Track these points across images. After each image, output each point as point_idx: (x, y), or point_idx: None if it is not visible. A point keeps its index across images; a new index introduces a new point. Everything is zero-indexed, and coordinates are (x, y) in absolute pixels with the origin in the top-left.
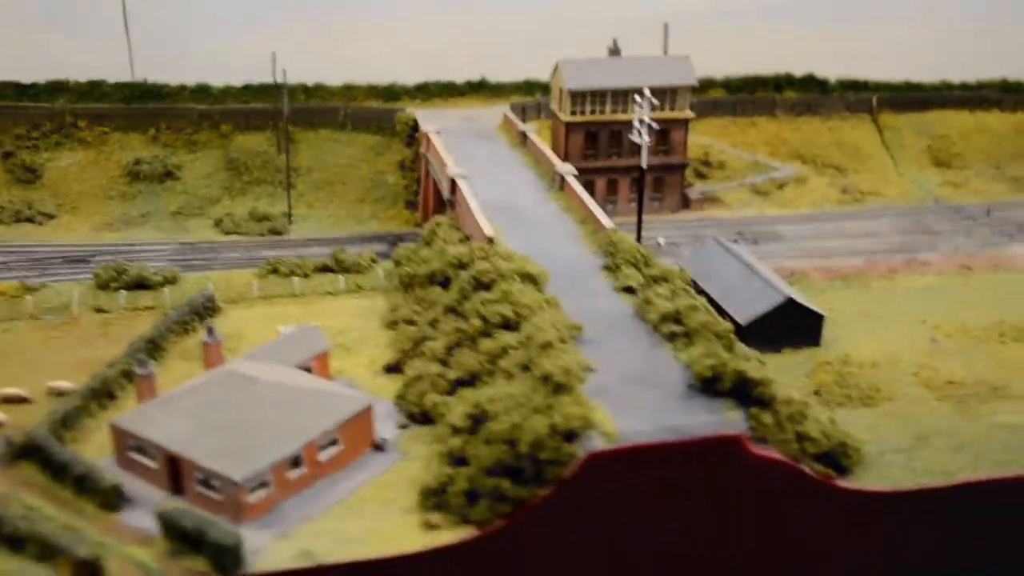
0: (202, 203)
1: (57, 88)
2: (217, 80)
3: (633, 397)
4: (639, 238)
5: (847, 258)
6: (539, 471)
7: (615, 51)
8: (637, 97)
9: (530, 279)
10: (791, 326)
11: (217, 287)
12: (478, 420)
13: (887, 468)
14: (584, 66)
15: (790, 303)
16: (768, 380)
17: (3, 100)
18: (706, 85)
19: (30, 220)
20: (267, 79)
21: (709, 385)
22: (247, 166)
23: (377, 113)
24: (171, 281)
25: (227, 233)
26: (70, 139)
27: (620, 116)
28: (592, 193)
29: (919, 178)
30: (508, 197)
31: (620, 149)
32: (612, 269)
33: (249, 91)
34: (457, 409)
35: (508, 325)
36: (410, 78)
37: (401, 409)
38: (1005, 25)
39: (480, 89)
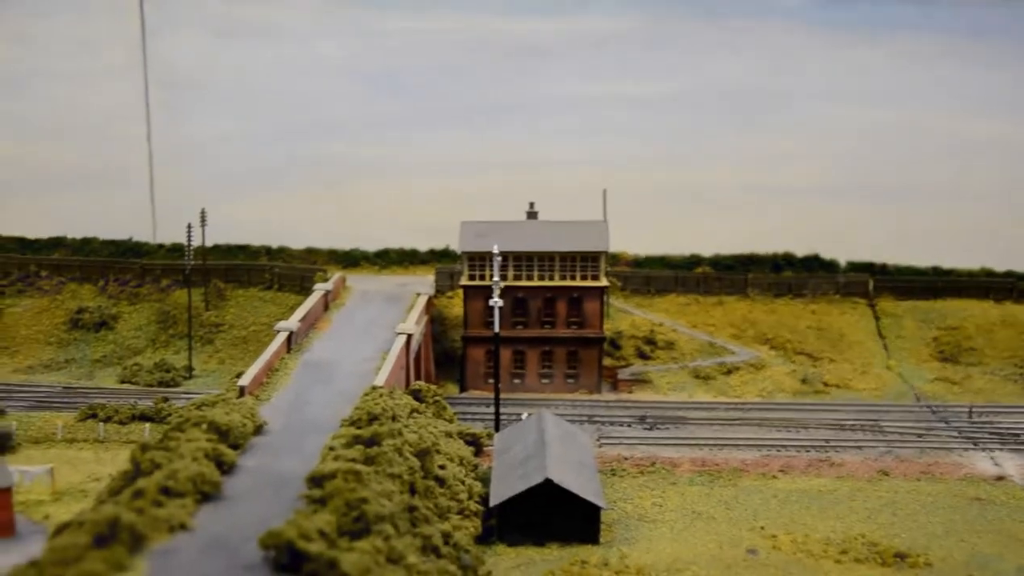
0: (125, 353)
1: (57, 243)
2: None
3: (196, 563)
4: (497, 412)
5: (741, 451)
6: None
7: (532, 214)
8: (495, 256)
9: (219, 431)
10: (558, 516)
11: (34, 427)
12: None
13: None
14: (484, 227)
15: (549, 487)
16: (329, 559)
17: (7, 253)
18: (693, 263)
19: None
20: (248, 240)
21: (276, 558)
22: (176, 320)
23: (301, 273)
24: None
25: (122, 382)
26: (32, 287)
27: (524, 282)
28: (497, 364)
29: (912, 372)
30: (338, 356)
31: (527, 318)
32: (341, 427)
33: (217, 251)
34: None
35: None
36: (390, 243)
37: None
38: None
39: (443, 258)
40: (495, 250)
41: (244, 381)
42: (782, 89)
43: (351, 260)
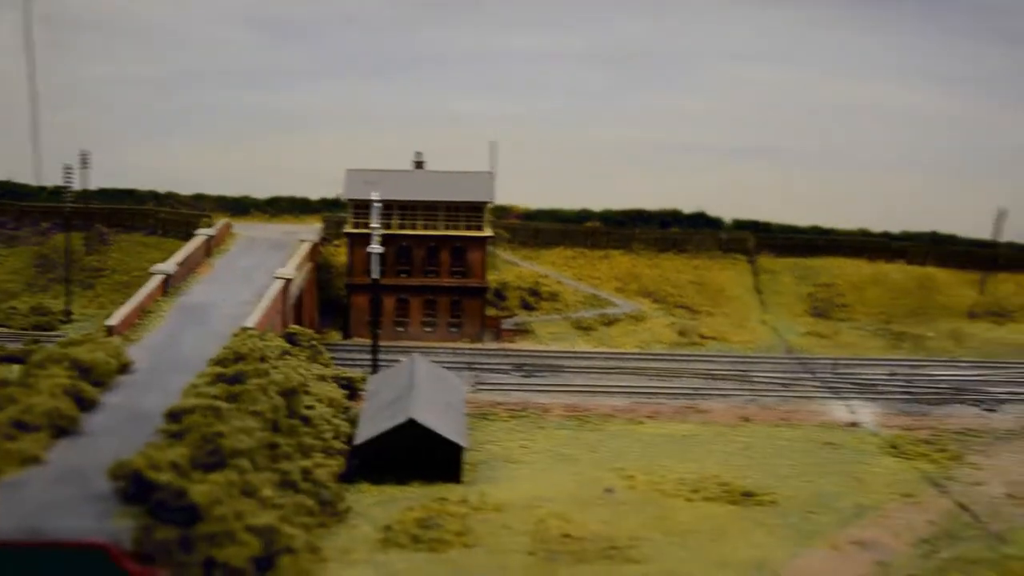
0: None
1: None
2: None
3: (45, 494)
4: (374, 357)
5: (612, 398)
6: None
7: (419, 163)
8: (375, 204)
9: (81, 368)
10: (422, 455)
11: None
12: None
13: None
14: (370, 175)
15: (413, 427)
16: (177, 488)
17: None
18: (583, 217)
19: None
20: (136, 185)
21: (124, 488)
22: (55, 264)
23: (186, 219)
24: None
25: None
26: None
27: (409, 231)
28: (380, 312)
29: (785, 326)
30: (215, 299)
31: (411, 267)
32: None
33: (104, 195)
34: None
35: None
36: (283, 192)
37: None
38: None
39: (334, 207)
40: (374, 197)
41: (113, 321)
42: (683, 49)
43: (241, 208)
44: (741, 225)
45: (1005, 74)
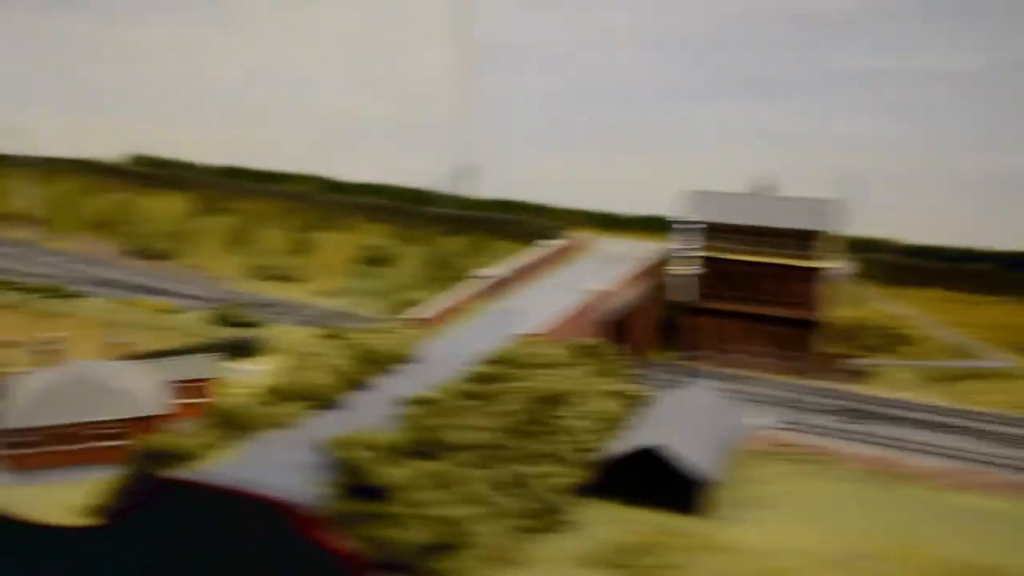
0: (393, 288)
1: (367, 188)
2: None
3: (277, 454)
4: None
5: (931, 458)
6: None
7: (768, 187)
8: (696, 226)
9: (373, 359)
10: (665, 482)
11: (284, 339)
12: None
13: None
14: (713, 198)
15: (654, 452)
16: (367, 468)
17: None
18: (974, 257)
19: (284, 279)
20: (528, 197)
21: (332, 461)
22: (444, 264)
23: (550, 230)
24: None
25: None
26: (338, 225)
27: (742, 256)
28: (722, 338)
29: None
30: (530, 306)
31: (743, 292)
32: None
33: (496, 205)
34: None
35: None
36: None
37: None
38: None
39: None
40: (685, 218)
41: (422, 315)
42: None
43: (616, 223)
44: None
45: None
